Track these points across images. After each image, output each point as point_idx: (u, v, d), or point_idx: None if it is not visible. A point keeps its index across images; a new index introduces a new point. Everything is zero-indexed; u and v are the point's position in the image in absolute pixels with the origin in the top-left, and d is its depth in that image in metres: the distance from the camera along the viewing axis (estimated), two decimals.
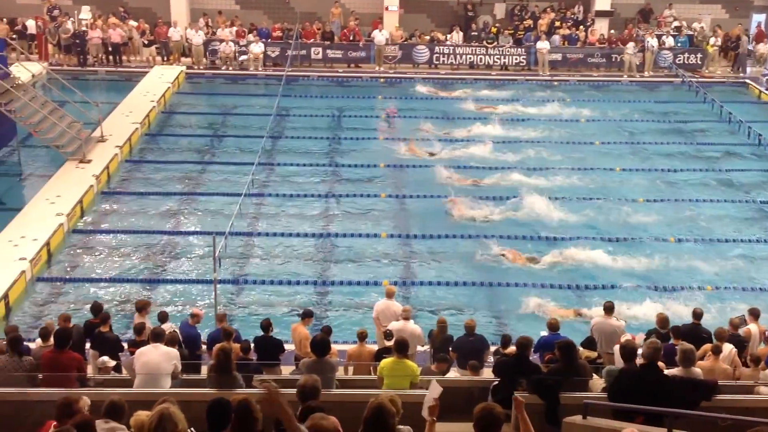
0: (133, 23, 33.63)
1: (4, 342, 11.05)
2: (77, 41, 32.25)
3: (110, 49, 32.56)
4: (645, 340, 12.64)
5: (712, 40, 34.56)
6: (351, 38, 33.94)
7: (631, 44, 33.66)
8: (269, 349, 12.37)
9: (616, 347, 10.90)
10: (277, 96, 28.10)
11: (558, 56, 34.00)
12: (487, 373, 11.60)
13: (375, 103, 30.18)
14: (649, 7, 36.70)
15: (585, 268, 18.28)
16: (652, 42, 33.69)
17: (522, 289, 17.13)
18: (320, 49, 33.72)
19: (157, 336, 10.57)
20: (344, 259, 18.60)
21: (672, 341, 11.86)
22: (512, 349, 11.85)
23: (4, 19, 33.17)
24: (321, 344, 10.28)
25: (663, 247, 19.34)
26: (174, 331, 12.16)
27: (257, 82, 32.48)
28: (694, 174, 24.10)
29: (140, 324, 12.28)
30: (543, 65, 33.42)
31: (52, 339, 11.06)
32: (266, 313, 15.12)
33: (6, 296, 16.03)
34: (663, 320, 12.66)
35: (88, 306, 13.93)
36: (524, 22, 35.28)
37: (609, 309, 13.01)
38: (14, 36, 31.95)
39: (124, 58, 33.02)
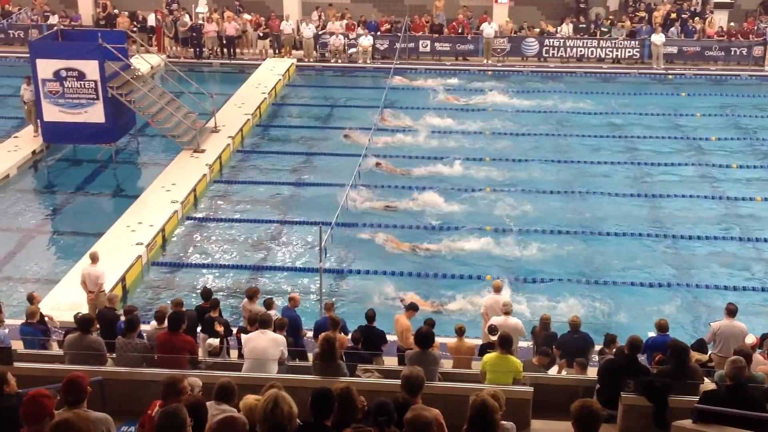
0: (247, 17, 34.42)
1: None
2: (194, 34, 33.22)
3: (225, 41, 33.43)
4: (760, 344, 12.22)
5: None
6: (459, 31, 33.80)
7: None
8: (372, 339, 12.49)
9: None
10: (384, 88, 28.25)
11: (674, 49, 32.94)
12: (591, 372, 11.41)
13: (483, 96, 29.96)
14: None
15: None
16: None
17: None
18: (428, 42, 33.70)
19: (264, 322, 10.81)
20: (449, 252, 18.58)
21: None
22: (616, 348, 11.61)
23: (125, 13, 34.48)
24: (425, 336, 10.32)
25: None
26: (282, 317, 12.43)
27: (365, 75, 32.70)
28: None
29: (253, 314, 12.63)
30: (657, 58, 32.44)
31: (166, 322, 11.47)
32: (369, 304, 15.24)
33: (123, 279, 16.74)
34: None
35: (199, 291, 14.43)
36: (638, 14, 34.34)
37: (733, 312, 12.55)
38: (135, 29, 33.18)
39: (237, 50, 33.83)
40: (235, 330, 12.96)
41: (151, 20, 34.18)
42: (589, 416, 6.10)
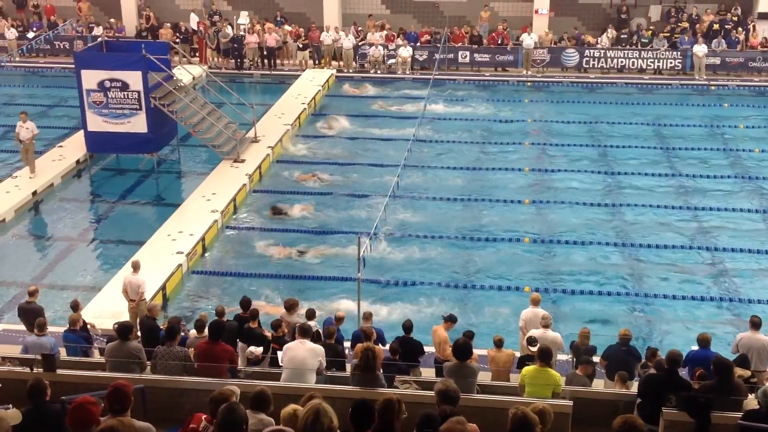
0: (288, 28, 34.69)
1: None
2: (235, 45, 33.56)
3: (265, 53, 33.71)
4: None
5: None
6: (499, 42, 33.73)
7: None
8: (410, 350, 12.47)
9: None
10: (424, 99, 28.29)
11: (716, 60, 32.54)
12: (634, 386, 11.29)
13: (521, 106, 29.94)
14: None
15: None
16: None
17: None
18: (468, 53, 33.68)
19: (305, 332, 10.84)
20: (487, 263, 18.54)
21: None
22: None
23: (168, 24, 34.94)
24: (463, 348, 10.29)
25: None
26: (318, 329, 12.49)
27: (405, 86, 32.70)
28: None
29: (277, 320, 12.79)
30: (699, 69, 32.06)
31: (206, 330, 11.57)
32: (407, 314, 15.22)
33: (164, 287, 16.92)
34: None
35: (238, 300, 14.50)
36: (680, 24, 33.99)
37: (757, 324, 12.45)
38: (177, 40, 33.60)
39: (278, 61, 34.09)
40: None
41: (193, 23, 34.59)
42: None
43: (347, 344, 13.26)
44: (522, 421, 6.15)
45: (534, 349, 11.52)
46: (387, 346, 12.62)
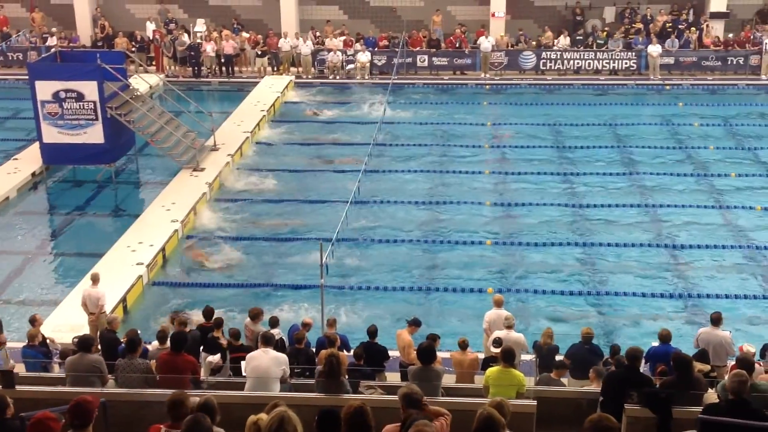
0: (245, 35, 34.52)
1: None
2: (192, 53, 33.32)
3: (223, 60, 33.52)
4: (762, 355, 12.20)
5: None
6: (457, 45, 33.91)
7: None
8: (374, 355, 12.47)
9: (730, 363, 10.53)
10: (383, 104, 28.34)
11: (670, 60, 33.02)
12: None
13: (480, 109, 30.12)
14: None
15: None
16: None
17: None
18: (426, 57, 33.81)
19: (268, 340, 10.77)
20: (449, 266, 18.61)
21: None
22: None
23: (123, 33, 34.54)
24: (427, 351, 10.30)
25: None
26: (282, 337, 12.43)
27: (364, 91, 32.70)
28: None
29: (234, 329, 12.69)
30: (654, 69, 32.53)
31: (168, 342, 11.44)
32: (370, 319, 15.21)
33: (124, 299, 16.72)
34: None
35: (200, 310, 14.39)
36: (634, 25, 34.46)
37: (716, 320, 12.64)
38: (133, 49, 33.28)
39: (236, 68, 33.91)
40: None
41: (149, 32, 34.29)
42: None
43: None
44: (487, 421, 6.17)
45: (498, 350, 11.57)
46: (351, 352, 12.60)
